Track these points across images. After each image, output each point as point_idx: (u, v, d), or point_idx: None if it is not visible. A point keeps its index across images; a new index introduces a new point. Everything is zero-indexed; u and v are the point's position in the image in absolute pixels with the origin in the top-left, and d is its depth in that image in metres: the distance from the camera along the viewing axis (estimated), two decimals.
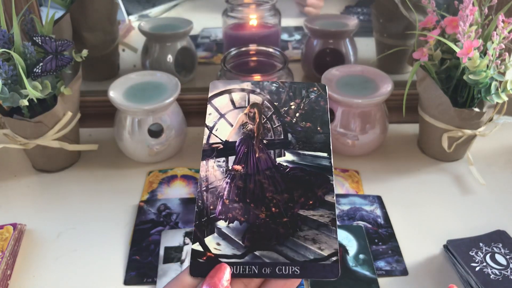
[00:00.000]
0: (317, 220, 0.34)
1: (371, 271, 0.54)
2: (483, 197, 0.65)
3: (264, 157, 0.36)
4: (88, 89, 0.79)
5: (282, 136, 0.36)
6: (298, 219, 0.34)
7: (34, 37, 0.62)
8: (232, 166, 0.36)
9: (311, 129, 0.36)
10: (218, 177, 0.36)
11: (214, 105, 0.37)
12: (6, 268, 0.54)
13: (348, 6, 0.87)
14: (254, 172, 0.35)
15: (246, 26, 0.80)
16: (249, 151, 0.36)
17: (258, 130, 0.36)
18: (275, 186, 0.35)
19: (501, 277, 0.51)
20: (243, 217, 0.34)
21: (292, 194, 0.35)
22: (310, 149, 0.36)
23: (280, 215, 0.34)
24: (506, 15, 0.60)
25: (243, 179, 0.35)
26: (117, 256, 0.57)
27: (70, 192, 0.68)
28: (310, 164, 0.36)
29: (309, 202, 0.34)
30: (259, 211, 0.34)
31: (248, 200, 0.34)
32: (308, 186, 0.35)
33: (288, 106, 0.36)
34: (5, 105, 0.62)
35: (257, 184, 0.35)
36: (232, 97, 0.37)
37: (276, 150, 0.36)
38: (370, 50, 0.86)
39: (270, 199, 0.34)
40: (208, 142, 0.37)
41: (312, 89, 0.36)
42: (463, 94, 0.65)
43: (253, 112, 0.37)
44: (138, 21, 0.87)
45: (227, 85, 0.37)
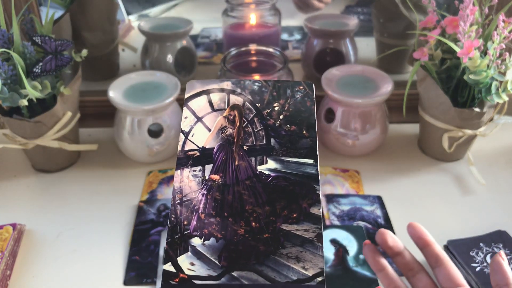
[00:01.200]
0: (301, 235, 0.30)
1: (371, 272, 0.54)
2: (483, 197, 0.65)
3: (244, 165, 0.33)
4: (88, 89, 0.79)
5: (265, 141, 0.33)
6: (280, 234, 0.31)
7: (33, 37, 0.62)
8: (209, 175, 0.33)
9: (296, 133, 0.33)
10: (193, 188, 0.32)
11: (190, 107, 0.34)
12: (5, 268, 0.54)
13: (348, 6, 0.87)
14: (233, 182, 0.32)
15: (246, 26, 0.79)
16: (228, 159, 0.33)
17: (238, 135, 0.32)
18: (255, 197, 0.32)
19: None
20: (220, 233, 0.30)
21: (274, 206, 0.31)
22: (295, 156, 0.33)
23: (261, 231, 0.31)
24: (507, 15, 0.60)
25: (221, 190, 0.32)
26: (116, 256, 0.57)
27: (70, 192, 0.67)
28: (294, 172, 0.32)
29: (292, 215, 0.31)
30: (238, 226, 0.31)
31: (226, 214, 0.31)
32: (292, 197, 0.32)
33: (272, 107, 0.33)
34: (5, 105, 0.62)
35: (236, 195, 0.32)
36: (211, 98, 0.34)
37: (258, 157, 0.33)
38: (370, 50, 0.86)
39: (250, 213, 0.31)
40: (183, 149, 0.33)
41: (298, 88, 0.33)
42: (463, 94, 0.65)
43: (233, 115, 0.34)
44: (138, 21, 0.87)
45: (205, 85, 0.34)
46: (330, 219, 0.62)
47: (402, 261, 0.45)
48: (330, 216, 0.62)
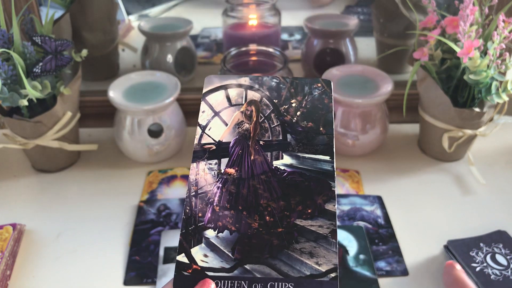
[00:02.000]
0: (315, 231, 0.31)
1: (371, 272, 0.54)
2: (483, 197, 0.65)
3: (260, 160, 0.33)
4: (88, 89, 0.79)
5: (281, 136, 0.33)
6: (294, 229, 0.31)
7: (33, 37, 0.62)
8: (224, 169, 0.33)
9: (313, 130, 0.33)
10: (209, 181, 0.33)
11: (208, 102, 0.33)
12: (5, 268, 0.54)
13: (348, 6, 0.87)
14: (249, 176, 0.33)
15: (246, 26, 0.79)
16: (244, 153, 0.33)
17: (254, 130, 0.33)
18: (270, 192, 0.32)
19: (501, 278, 0.51)
20: (234, 226, 0.31)
21: (289, 201, 0.32)
22: (311, 152, 0.33)
23: (275, 225, 0.31)
24: (507, 15, 0.60)
25: (236, 183, 0.32)
26: (116, 257, 0.57)
27: (70, 192, 0.67)
28: (310, 169, 0.33)
29: (307, 211, 0.31)
30: (252, 219, 0.31)
31: (240, 208, 0.31)
32: (307, 192, 0.32)
33: (289, 103, 0.33)
34: (5, 105, 0.62)
35: (251, 189, 0.32)
36: (228, 93, 0.34)
37: (274, 152, 0.33)
38: (370, 50, 0.86)
39: (265, 207, 0.31)
40: (200, 143, 0.33)
41: (316, 85, 0.33)
42: (463, 94, 0.65)
43: (250, 110, 0.33)
44: (138, 21, 0.87)
45: (223, 80, 0.34)
46: None
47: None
48: None
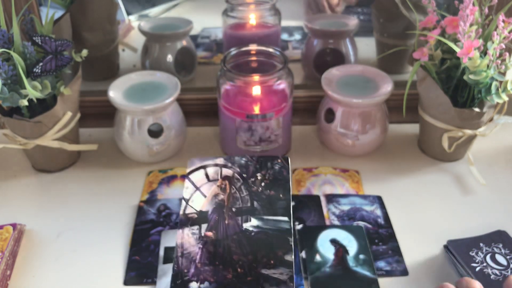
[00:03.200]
0: (277, 278, 0.37)
1: (371, 271, 0.54)
2: (483, 197, 0.65)
3: (232, 223, 0.39)
4: (88, 89, 0.79)
5: (249, 203, 0.40)
6: (260, 277, 0.37)
7: (33, 37, 0.62)
8: (204, 233, 0.40)
9: (275, 196, 0.40)
10: (192, 243, 0.40)
11: (191, 179, 0.41)
12: (5, 268, 0.54)
13: (348, 6, 0.87)
14: (224, 237, 0.39)
15: (246, 26, 0.80)
16: (220, 219, 0.40)
17: (228, 200, 0.40)
18: (241, 249, 0.38)
19: (501, 278, 0.51)
20: (213, 278, 0.37)
21: (255, 255, 0.38)
22: (273, 214, 0.40)
23: (245, 275, 0.37)
24: (507, 15, 0.60)
25: (214, 244, 0.39)
26: (116, 257, 0.57)
27: (70, 192, 0.67)
28: (272, 228, 0.40)
29: (270, 262, 0.38)
30: (227, 272, 0.37)
31: (217, 263, 0.38)
32: (270, 247, 0.38)
33: (255, 177, 0.40)
34: (5, 105, 0.62)
35: (226, 248, 0.38)
36: (207, 172, 0.42)
37: (244, 217, 0.39)
38: (370, 50, 0.86)
39: (237, 261, 0.38)
40: (185, 213, 0.41)
41: (277, 161, 0.40)
42: (463, 94, 0.65)
43: (224, 184, 0.41)
44: (138, 21, 0.87)
45: (203, 161, 0.42)
46: (330, 219, 0.62)
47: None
48: (330, 216, 0.62)
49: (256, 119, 0.66)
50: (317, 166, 0.71)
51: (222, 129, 0.72)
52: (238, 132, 0.68)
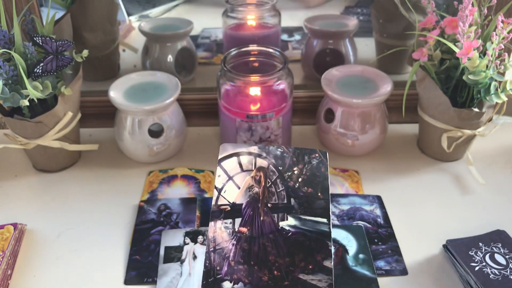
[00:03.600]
0: (315, 284, 0.35)
1: (370, 271, 0.54)
2: (482, 197, 0.65)
3: (268, 221, 0.37)
4: (89, 89, 0.79)
5: (286, 200, 0.37)
6: (298, 283, 0.35)
7: (34, 37, 0.62)
8: (238, 228, 0.37)
9: (312, 195, 0.37)
10: (225, 238, 0.37)
11: (223, 167, 0.39)
12: (6, 267, 0.55)
13: (348, 7, 0.87)
14: (259, 235, 0.37)
15: (246, 26, 0.80)
16: (255, 214, 0.37)
17: (263, 194, 0.37)
18: (277, 249, 0.36)
19: (500, 277, 0.52)
20: (247, 279, 0.35)
21: (293, 258, 0.36)
22: (311, 215, 0.37)
23: (282, 279, 0.35)
24: (506, 15, 0.60)
25: (248, 241, 0.36)
26: (117, 256, 0.57)
27: (71, 192, 0.68)
28: (310, 230, 0.37)
29: (309, 267, 0.35)
30: (262, 273, 0.35)
31: (252, 263, 0.35)
32: (309, 251, 0.36)
33: (292, 171, 0.37)
34: (6, 105, 0.62)
35: (261, 247, 0.36)
36: (240, 160, 0.39)
37: (280, 214, 0.37)
38: (370, 51, 0.86)
39: (273, 262, 0.35)
40: (217, 204, 0.39)
41: (314, 155, 0.38)
42: (462, 94, 0.66)
43: (259, 176, 0.39)
44: (138, 21, 0.87)
45: (236, 148, 0.39)
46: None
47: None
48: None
49: (256, 119, 0.66)
50: None
51: (222, 129, 0.72)
52: (238, 132, 0.68)
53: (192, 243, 0.58)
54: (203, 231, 0.59)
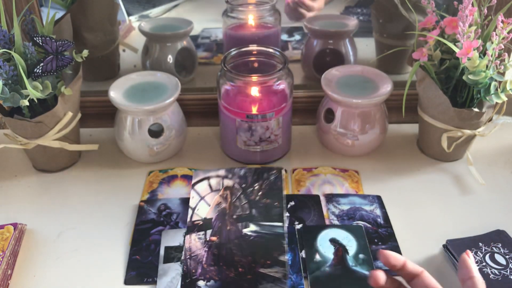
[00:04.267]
0: (273, 275, 0.42)
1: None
2: (482, 197, 0.65)
3: (233, 229, 0.44)
4: (89, 89, 0.79)
5: (248, 211, 0.45)
6: (258, 276, 0.42)
7: (34, 37, 0.62)
8: (209, 237, 0.45)
9: (270, 204, 0.45)
10: (198, 247, 0.45)
11: (196, 190, 0.47)
12: (6, 267, 0.55)
13: (347, 7, 0.87)
14: (226, 241, 0.44)
15: (246, 26, 0.80)
16: (223, 225, 0.45)
17: (229, 208, 0.45)
18: (241, 251, 0.43)
19: (500, 277, 0.52)
20: (217, 276, 0.42)
21: (254, 256, 0.43)
22: (268, 220, 0.45)
23: (245, 274, 0.42)
24: (506, 15, 0.60)
25: (218, 247, 0.44)
26: (117, 256, 0.58)
27: (71, 192, 0.68)
28: (268, 232, 0.45)
29: (267, 262, 0.43)
30: (230, 271, 0.42)
31: (221, 264, 0.43)
32: (267, 249, 0.43)
33: (253, 187, 0.45)
34: (6, 105, 0.62)
35: (228, 251, 0.44)
36: (210, 182, 0.48)
37: (243, 223, 0.45)
38: (369, 51, 0.86)
39: (238, 261, 0.43)
40: (191, 220, 0.47)
41: (272, 172, 0.46)
42: (462, 94, 0.66)
43: (226, 194, 0.46)
44: (138, 21, 0.87)
45: (206, 173, 0.47)
46: (329, 218, 0.62)
47: (405, 272, 0.44)
48: (329, 215, 0.62)
49: (256, 119, 0.66)
50: (317, 166, 0.71)
51: (222, 129, 0.72)
52: (238, 132, 0.68)
53: None
54: None
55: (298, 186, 0.67)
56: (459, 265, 0.44)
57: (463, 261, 0.44)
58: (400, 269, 0.43)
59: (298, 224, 0.60)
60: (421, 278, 0.43)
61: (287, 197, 0.64)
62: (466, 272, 0.43)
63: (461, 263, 0.44)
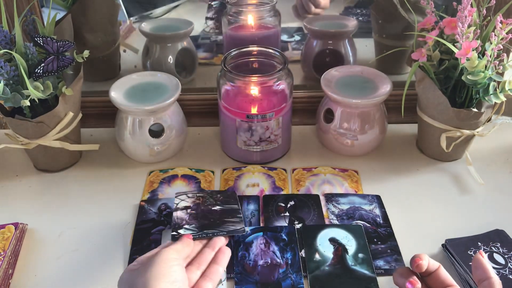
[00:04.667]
0: (233, 220, 0.58)
1: (370, 270, 0.55)
2: (481, 196, 0.66)
3: (206, 209, 0.59)
4: (89, 90, 0.79)
5: (214, 203, 0.61)
6: (224, 222, 0.57)
7: (35, 37, 0.63)
8: (190, 211, 0.59)
9: (229, 201, 0.62)
10: (183, 216, 0.58)
11: (178, 198, 0.62)
12: (7, 267, 0.55)
13: (347, 7, 0.88)
14: (201, 212, 0.59)
15: (246, 27, 0.80)
16: (198, 208, 0.59)
17: (202, 202, 0.61)
18: (213, 215, 0.59)
19: (499, 276, 0.52)
20: (197, 224, 0.57)
21: (221, 215, 0.59)
22: (229, 204, 0.61)
23: (215, 220, 0.57)
24: (505, 16, 0.61)
25: (196, 214, 0.58)
26: (118, 256, 0.58)
27: (71, 191, 0.68)
28: (229, 208, 0.60)
29: (229, 217, 0.58)
30: (204, 221, 0.57)
31: (199, 219, 0.58)
32: (229, 213, 0.59)
33: (216, 195, 0.62)
34: (7, 105, 0.62)
35: (204, 216, 0.58)
36: (187, 194, 0.62)
37: (212, 206, 0.60)
38: (369, 51, 0.86)
39: (210, 218, 0.58)
40: (176, 207, 0.60)
41: (228, 192, 0.64)
42: (461, 95, 0.66)
43: (199, 197, 0.62)
44: (139, 22, 0.87)
45: (185, 192, 0.63)
46: (329, 218, 0.62)
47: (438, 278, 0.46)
48: (329, 215, 0.62)
49: (256, 119, 0.67)
50: (317, 165, 0.71)
51: (222, 129, 0.72)
52: (238, 132, 0.69)
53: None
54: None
55: (297, 186, 0.67)
56: (474, 265, 0.45)
57: (478, 261, 0.45)
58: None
59: (298, 224, 0.61)
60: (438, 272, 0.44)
61: (287, 197, 0.65)
62: (482, 273, 0.44)
63: (477, 264, 0.45)
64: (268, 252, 0.57)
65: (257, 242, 0.58)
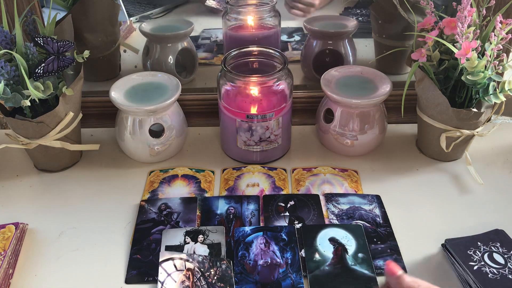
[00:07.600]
0: None
1: (370, 270, 0.55)
2: (481, 196, 0.66)
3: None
4: (90, 90, 0.79)
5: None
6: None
7: (36, 38, 0.63)
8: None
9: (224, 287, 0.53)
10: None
11: (163, 267, 0.54)
12: (8, 267, 0.55)
13: (347, 8, 0.88)
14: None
15: (246, 27, 0.80)
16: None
17: (192, 286, 0.52)
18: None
19: (499, 276, 0.52)
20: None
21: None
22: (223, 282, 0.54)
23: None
24: (504, 16, 0.61)
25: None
26: (118, 255, 0.58)
27: (72, 191, 0.68)
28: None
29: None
30: None
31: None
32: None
33: (210, 271, 0.54)
34: (7, 105, 0.62)
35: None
36: (175, 263, 0.55)
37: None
38: (369, 51, 0.87)
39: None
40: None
41: (223, 262, 0.55)
42: (461, 95, 0.66)
43: (188, 274, 0.54)
44: (139, 22, 0.87)
45: (171, 254, 0.55)
46: (329, 218, 0.62)
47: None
48: (329, 215, 0.62)
49: (256, 119, 0.67)
50: (316, 165, 0.71)
51: (222, 129, 0.72)
52: (238, 132, 0.69)
53: (193, 242, 0.58)
54: (204, 230, 0.60)
55: (297, 186, 0.67)
56: (386, 276, 0.44)
57: (387, 270, 0.44)
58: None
59: (298, 224, 0.61)
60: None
61: (287, 197, 0.65)
62: (393, 278, 0.43)
63: (387, 272, 0.44)
64: (268, 252, 0.57)
65: (257, 242, 0.58)
